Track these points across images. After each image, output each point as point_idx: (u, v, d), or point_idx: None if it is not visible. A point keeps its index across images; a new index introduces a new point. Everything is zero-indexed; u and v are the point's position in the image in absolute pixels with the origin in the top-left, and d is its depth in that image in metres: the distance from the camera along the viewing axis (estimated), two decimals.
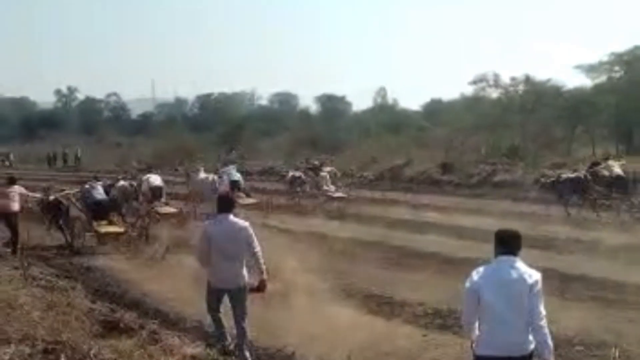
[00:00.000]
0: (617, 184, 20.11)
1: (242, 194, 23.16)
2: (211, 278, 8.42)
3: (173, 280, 12.27)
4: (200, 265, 8.70)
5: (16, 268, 12.49)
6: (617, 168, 20.76)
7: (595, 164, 21.86)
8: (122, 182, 21.08)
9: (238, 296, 8.33)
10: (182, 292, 11.13)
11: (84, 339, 7.47)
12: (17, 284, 10.44)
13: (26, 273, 12.01)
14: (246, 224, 8.48)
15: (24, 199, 16.53)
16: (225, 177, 23.62)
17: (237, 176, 24.64)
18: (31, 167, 41.27)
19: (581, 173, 21.01)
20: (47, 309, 8.78)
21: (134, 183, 21.37)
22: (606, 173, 20.55)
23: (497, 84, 47.16)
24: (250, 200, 23.41)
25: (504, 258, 5.66)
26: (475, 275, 5.66)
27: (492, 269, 5.72)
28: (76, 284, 12.20)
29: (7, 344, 6.68)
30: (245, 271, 8.40)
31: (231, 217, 8.43)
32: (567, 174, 21.51)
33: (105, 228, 17.09)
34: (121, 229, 17.21)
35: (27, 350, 6.58)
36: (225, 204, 8.57)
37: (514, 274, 5.56)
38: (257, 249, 8.33)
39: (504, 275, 5.60)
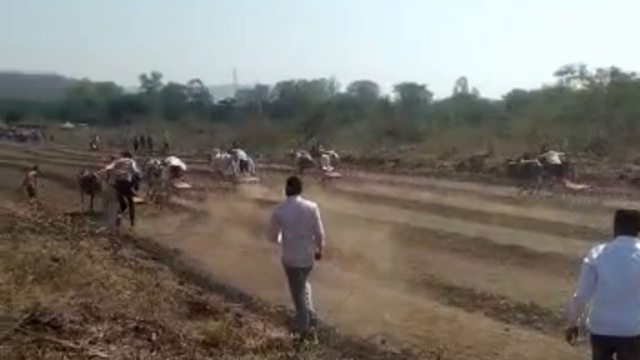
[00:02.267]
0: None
1: (247, 173, 28.37)
2: (287, 257, 8.80)
3: None
4: (269, 241, 9.19)
5: (106, 249, 12.86)
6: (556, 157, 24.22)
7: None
8: (151, 161, 25.65)
9: (306, 273, 8.83)
10: None
11: (172, 320, 7.66)
12: (108, 264, 10.77)
13: (116, 254, 12.39)
14: (314, 204, 8.84)
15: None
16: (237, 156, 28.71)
17: (245, 157, 29.22)
18: (117, 151, 42.34)
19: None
20: (137, 289, 9.05)
21: (159, 162, 25.08)
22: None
23: (582, 75, 45.97)
24: (253, 179, 27.88)
25: (624, 238, 5.70)
26: (595, 252, 5.74)
27: (611, 248, 5.75)
28: (163, 266, 12.55)
29: (101, 322, 6.90)
30: (313, 250, 8.84)
31: (299, 198, 8.80)
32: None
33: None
34: (140, 199, 20.42)
35: (120, 328, 6.78)
36: (294, 187, 8.87)
37: (633, 255, 5.59)
38: (322, 229, 8.80)
39: (623, 255, 5.64)
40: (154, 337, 6.62)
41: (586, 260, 5.78)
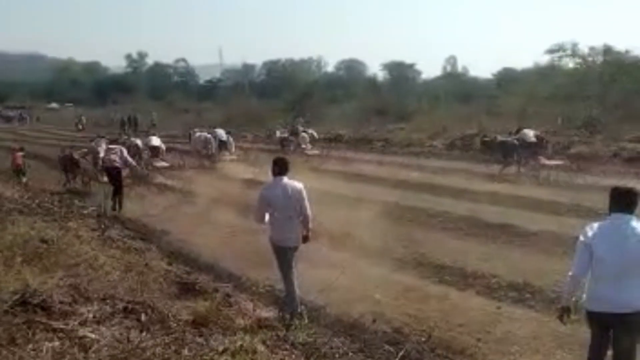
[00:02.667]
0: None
1: (226, 152, 29.58)
2: (275, 237, 8.82)
3: None
4: (256, 222, 9.13)
5: (94, 230, 12.79)
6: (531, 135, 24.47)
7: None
8: (132, 139, 26.41)
9: (294, 254, 8.87)
10: None
11: (162, 300, 7.62)
12: (96, 244, 10.70)
13: (104, 234, 12.31)
14: (301, 185, 8.84)
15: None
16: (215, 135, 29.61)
17: (224, 136, 30.32)
18: (103, 131, 42.09)
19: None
20: (125, 270, 9.00)
21: (139, 142, 25.89)
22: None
23: (574, 53, 45.79)
24: (232, 157, 29.26)
25: (619, 215, 5.73)
26: (590, 230, 5.76)
27: (606, 225, 5.77)
28: (151, 246, 12.48)
29: (90, 303, 6.85)
30: (300, 229, 8.88)
31: (286, 179, 8.81)
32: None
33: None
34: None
35: (109, 309, 6.73)
36: (281, 167, 8.86)
37: (628, 231, 5.61)
38: (308, 210, 8.85)
39: (618, 232, 5.65)
40: (143, 317, 6.57)
41: (581, 238, 5.78)
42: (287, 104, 59.25)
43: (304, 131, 34.37)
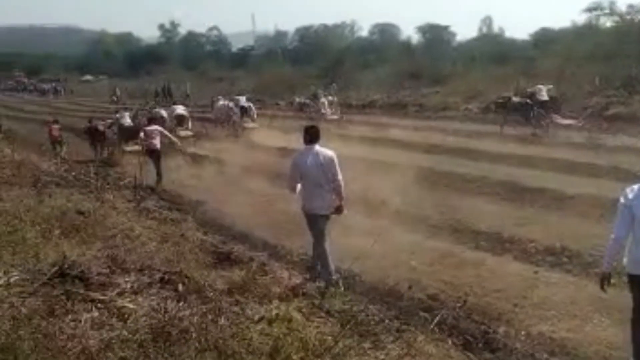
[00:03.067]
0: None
1: (248, 119, 29.56)
2: (306, 205, 8.86)
3: None
4: (289, 191, 9.14)
5: (129, 201, 12.90)
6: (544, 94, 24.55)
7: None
8: (156, 110, 26.98)
9: (327, 221, 8.89)
10: None
11: (198, 270, 7.67)
12: (132, 216, 10.80)
13: (140, 205, 12.42)
14: (332, 153, 8.80)
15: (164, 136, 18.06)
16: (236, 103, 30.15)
17: (246, 103, 30.52)
18: (138, 102, 42.39)
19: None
20: (161, 241, 9.06)
21: (164, 112, 26.24)
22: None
23: (612, 11, 44.73)
24: (254, 125, 29.23)
25: None
26: (630, 192, 5.67)
27: None
28: (187, 217, 12.56)
29: (127, 273, 6.92)
30: (333, 197, 8.85)
31: (318, 147, 8.77)
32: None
33: (130, 147, 21.99)
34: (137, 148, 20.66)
35: (146, 279, 6.79)
36: (312, 135, 8.84)
37: None
38: (340, 178, 8.77)
39: None
40: (180, 287, 6.63)
41: (621, 200, 5.68)
42: (321, 70, 58.77)
43: (324, 96, 34.17)
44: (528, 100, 24.46)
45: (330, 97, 33.98)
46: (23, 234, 7.82)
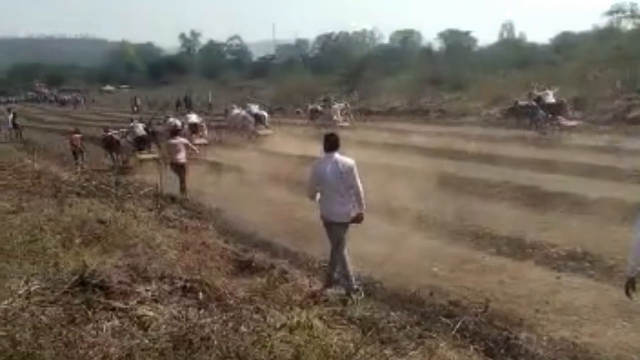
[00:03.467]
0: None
1: (262, 126, 30.34)
2: (323, 213, 8.81)
3: None
4: (309, 198, 9.09)
5: (150, 210, 12.94)
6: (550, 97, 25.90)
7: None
8: (170, 119, 27.42)
9: (346, 229, 8.76)
10: None
11: (219, 278, 7.68)
12: (153, 224, 10.85)
13: (161, 214, 12.47)
14: (352, 161, 8.71)
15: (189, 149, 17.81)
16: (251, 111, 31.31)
17: (259, 111, 31.59)
18: (159, 112, 42.79)
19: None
20: (182, 249, 9.11)
21: (178, 121, 26.44)
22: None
23: (634, 14, 44.39)
24: (268, 132, 29.94)
25: None
26: None
27: None
28: (208, 225, 12.60)
29: (148, 282, 6.95)
30: (352, 207, 8.71)
31: (337, 155, 8.71)
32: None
33: (144, 155, 23.02)
34: (156, 155, 22.25)
35: (167, 288, 6.82)
36: (331, 143, 8.78)
37: None
38: (359, 185, 8.63)
39: None
40: (201, 295, 6.65)
41: None
42: (342, 78, 58.80)
43: (336, 103, 34.69)
44: (533, 103, 26.06)
45: (342, 104, 34.51)
46: (43, 244, 7.89)
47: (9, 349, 4.95)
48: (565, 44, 57.43)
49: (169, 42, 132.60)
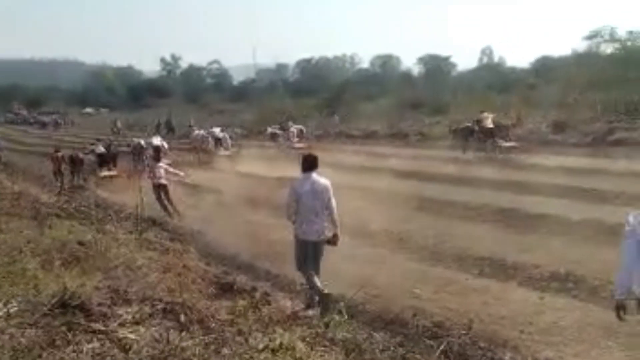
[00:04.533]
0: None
1: (221, 148, 32.67)
2: (298, 231, 8.98)
3: None
4: (287, 219, 9.16)
5: (131, 232, 12.84)
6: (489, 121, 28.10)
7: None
8: (135, 140, 31.21)
9: (319, 247, 9.02)
10: None
11: (200, 300, 7.62)
12: (133, 247, 10.75)
13: (142, 236, 12.37)
14: (328, 182, 8.95)
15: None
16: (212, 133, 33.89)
17: (221, 134, 33.94)
18: (138, 135, 42.71)
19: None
20: (164, 271, 9.02)
21: (143, 142, 29.74)
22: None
23: (613, 38, 44.90)
24: (226, 153, 32.17)
25: None
26: (633, 218, 5.48)
27: None
28: (189, 247, 12.51)
29: (129, 304, 6.88)
30: (326, 226, 8.95)
31: (315, 175, 8.93)
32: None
33: (105, 172, 25.21)
34: (114, 173, 24.60)
35: (148, 310, 6.74)
36: (310, 163, 8.99)
37: None
38: (334, 205, 8.93)
39: None
40: (182, 317, 6.58)
41: (626, 228, 5.54)
42: (322, 102, 58.94)
43: (293, 126, 36.93)
44: (469, 125, 28.97)
45: (299, 127, 36.79)
46: (23, 265, 7.80)
47: None
48: (545, 67, 58.06)
49: (149, 66, 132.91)
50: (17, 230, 10.31)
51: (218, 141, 33.37)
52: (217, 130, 34.74)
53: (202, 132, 34.54)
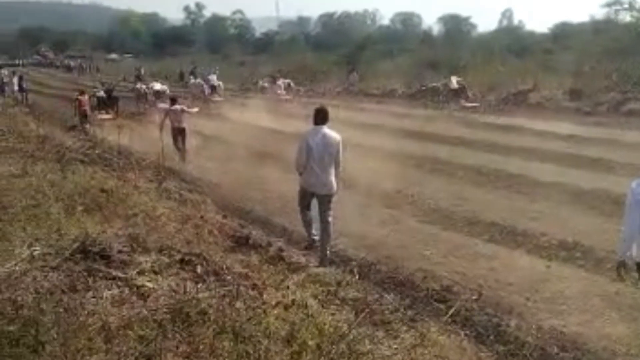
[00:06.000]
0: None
1: (215, 94, 36.11)
2: (304, 183, 9.25)
3: None
4: (296, 169, 9.38)
5: (151, 181, 12.96)
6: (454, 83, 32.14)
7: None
8: (138, 85, 34.34)
9: (325, 199, 9.19)
10: None
11: (217, 252, 7.76)
12: (153, 196, 10.87)
13: (162, 186, 12.49)
14: (339, 136, 9.10)
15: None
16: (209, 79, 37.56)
17: (216, 82, 37.54)
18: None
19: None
20: (182, 222, 9.14)
21: (144, 86, 33.25)
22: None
23: (631, 6, 44.26)
24: (220, 99, 35.60)
25: None
26: (636, 185, 5.58)
27: None
28: (207, 199, 12.64)
29: (148, 253, 7.03)
30: (333, 179, 9.12)
31: (326, 128, 9.06)
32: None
33: (102, 116, 26.17)
34: (110, 116, 25.60)
35: (166, 259, 6.90)
36: (322, 117, 9.12)
37: None
38: (341, 160, 9.19)
39: None
40: (199, 269, 6.73)
41: (629, 195, 5.65)
42: (342, 58, 58.44)
43: (281, 80, 39.91)
44: (436, 85, 32.97)
45: (286, 81, 39.57)
46: (46, 209, 7.94)
47: (11, 313, 5.04)
48: (563, 33, 57.25)
49: (173, 14, 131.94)
50: (42, 173, 10.44)
51: (213, 88, 36.64)
52: (213, 78, 38.34)
53: (198, 80, 37.57)
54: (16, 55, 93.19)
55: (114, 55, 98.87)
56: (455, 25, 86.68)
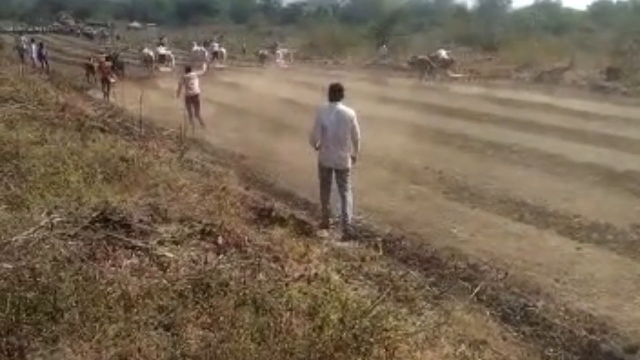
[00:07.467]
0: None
1: (218, 61, 38.31)
2: (320, 157, 9.25)
3: None
4: (310, 144, 9.36)
5: (173, 151, 12.85)
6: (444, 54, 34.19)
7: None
8: (145, 50, 36.27)
9: (342, 175, 9.24)
10: None
11: (238, 224, 7.64)
12: (175, 166, 10.76)
13: (183, 156, 12.38)
14: (353, 112, 9.07)
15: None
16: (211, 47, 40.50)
17: (219, 49, 40.71)
18: (184, 52, 42.69)
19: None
20: (203, 193, 9.01)
21: (151, 52, 35.17)
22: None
23: None
24: (222, 66, 37.87)
25: None
26: None
27: None
28: (229, 170, 12.53)
29: (168, 223, 6.94)
30: (349, 155, 9.21)
31: (340, 105, 9.03)
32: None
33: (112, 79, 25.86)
34: (114, 80, 24.88)
35: (187, 230, 6.80)
36: (336, 93, 9.08)
37: None
38: (359, 136, 9.15)
39: None
40: (220, 240, 6.63)
41: None
42: (371, 31, 57.88)
43: (281, 49, 43.57)
44: (426, 58, 33.41)
45: (285, 50, 42.66)
46: (66, 177, 7.86)
47: (29, 280, 4.98)
48: (603, 11, 56.27)
49: None
50: (62, 141, 10.35)
51: (215, 55, 39.09)
52: (216, 45, 41.34)
53: (201, 47, 37.86)
54: (36, 22, 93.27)
55: (136, 24, 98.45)
56: (490, 0, 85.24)
